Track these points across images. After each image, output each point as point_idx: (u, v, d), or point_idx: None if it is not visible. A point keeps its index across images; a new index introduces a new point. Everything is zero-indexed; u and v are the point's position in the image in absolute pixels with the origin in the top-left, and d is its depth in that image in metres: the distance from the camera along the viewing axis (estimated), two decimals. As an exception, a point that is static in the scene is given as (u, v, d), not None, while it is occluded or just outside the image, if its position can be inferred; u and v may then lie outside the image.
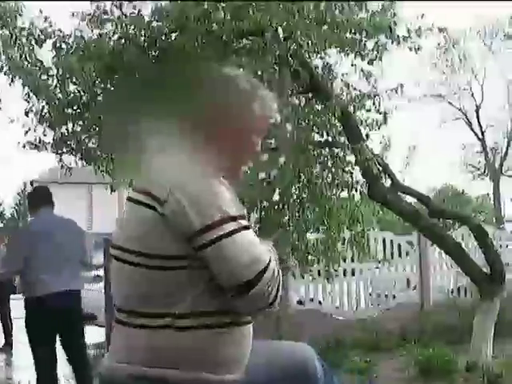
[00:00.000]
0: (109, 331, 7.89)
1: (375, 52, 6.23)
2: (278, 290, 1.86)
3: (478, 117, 35.93)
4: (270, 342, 2.25)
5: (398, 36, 6.22)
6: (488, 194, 38.94)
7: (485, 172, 37.14)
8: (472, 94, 35.67)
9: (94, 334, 10.48)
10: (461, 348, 7.08)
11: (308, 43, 5.77)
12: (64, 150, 6.57)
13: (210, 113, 2.02)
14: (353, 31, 6.10)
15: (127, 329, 1.91)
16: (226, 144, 2.02)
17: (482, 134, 36.28)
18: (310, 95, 6.56)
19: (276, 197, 6.49)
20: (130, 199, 1.96)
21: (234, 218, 1.83)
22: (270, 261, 1.84)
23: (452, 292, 10.61)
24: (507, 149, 36.38)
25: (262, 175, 6.50)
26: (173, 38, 5.71)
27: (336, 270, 7.55)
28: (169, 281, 1.85)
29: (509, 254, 11.13)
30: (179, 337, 1.84)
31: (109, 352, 1.99)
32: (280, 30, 5.40)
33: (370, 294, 10.26)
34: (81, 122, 6.32)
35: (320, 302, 9.68)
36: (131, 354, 1.89)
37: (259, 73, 5.39)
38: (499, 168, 36.56)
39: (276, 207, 6.46)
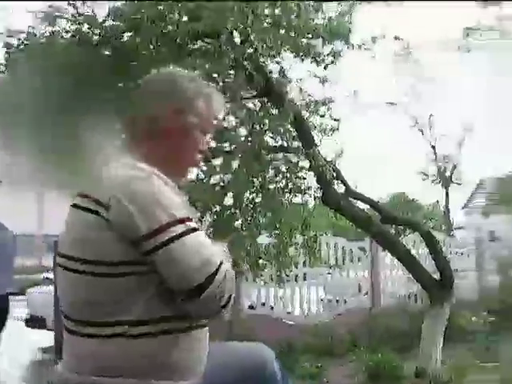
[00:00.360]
0: (58, 336, 7.75)
1: (331, 58, 6.26)
2: (230, 292, 1.82)
3: (430, 125, 36.49)
4: (228, 344, 2.23)
5: (353, 43, 6.26)
6: (438, 202, 39.58)
7: (437, 180, 37.77)
8: (427, 103, 36.22)
9: (44, 338, 10.30)
10: (411, 353, 7.15)
11: (263, 47, 5.75)
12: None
13: (154, 112, 1.99)
14: (309, 36, 6.12)
15: (75, 337, 1.86)
16: (170, 143, 1.99)
17: (435, 142, 36.86)
18: (266, 99, 6.56)
19: (229, 201, 6.47)
20: (72, 205, 1.89)
21: (181, 221, 1.79)
22: (221, 263, 1.80)
23: (403, 297, 10.73)
24: (458, 157, 37.06)
25: (216, 179, 6.48)
26: (127, 38, 5.64)
27: (288, 275, 7.56)
28: (117, 288, 1.80)
29: (458, 260, 11.33)
30: (131, 345, 1.79)
31: (62, 360, 1.94)
32: (235, 32, 5.38)
33: (322, 299, 10.32)
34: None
35: (272, 307, 9.69)
36: (80, 363, 1.84)
37: (214, 75, 5.36)
38: (450, 176, 37.23)
39: (229, 211, 6.44)
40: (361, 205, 7.06)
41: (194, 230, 1.81)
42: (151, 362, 1.80)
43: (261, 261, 6.79)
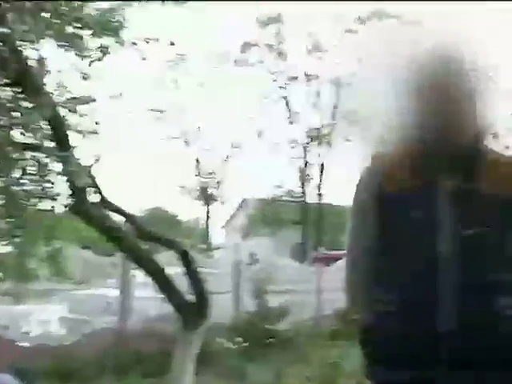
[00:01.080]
0: None
1: (98, 53, 6.09)
2: None
3: (197, 139, 37.48)
4: None
5: (124, 41, 6.17)
6: (198, 219, 40.80)
7: (198, 196, 38.85)
8: (195, 116, 37.17)
9: None
10: (162, 379, 7.17)
11: (22, 30, 5.44)
12: None
13: None
14: (76, 25, 5.90)
15: None
16: None
17: (200, 156, 37.91)
18: (19, 89, 6.20)
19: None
20: None
21: None
22: None
23: (155, 319, 10.74)
24: (223, 175, 38.43)
25: None
26: None
27: (28, 290, 7.30)
28: None
29: (214, 282, 11.58)
30: None
31: None
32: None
33: (65, 318, 10.04)
34: None
35: (5, 327, 9.22)
36: None
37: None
38: (211, 193, 38.51)
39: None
40: (115, 217, 6.94)
41: None
42: None
43: (-4, 273, 6.47)
